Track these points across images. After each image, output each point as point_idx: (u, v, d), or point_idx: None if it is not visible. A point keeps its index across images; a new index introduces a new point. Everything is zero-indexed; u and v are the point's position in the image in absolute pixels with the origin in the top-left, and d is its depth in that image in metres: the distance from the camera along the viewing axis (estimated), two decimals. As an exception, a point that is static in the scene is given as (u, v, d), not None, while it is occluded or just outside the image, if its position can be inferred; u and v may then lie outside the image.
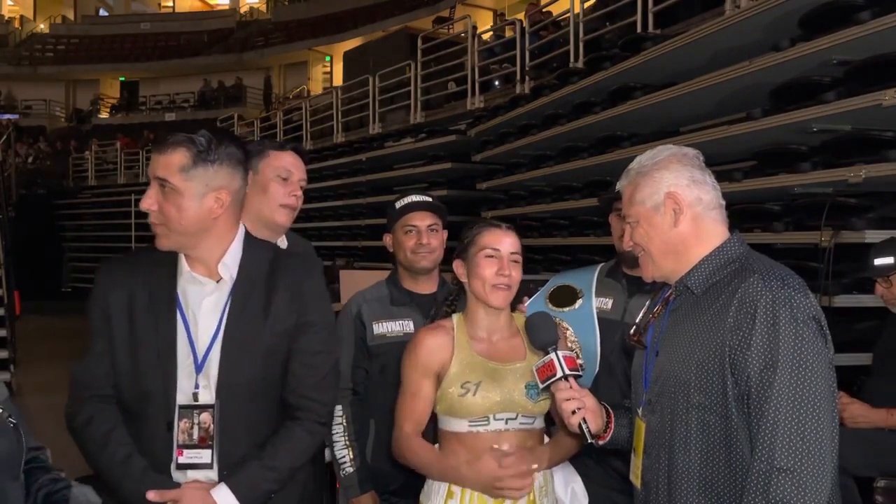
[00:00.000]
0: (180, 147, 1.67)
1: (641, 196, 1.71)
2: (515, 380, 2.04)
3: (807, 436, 1.46)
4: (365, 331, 2.51)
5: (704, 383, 1.58)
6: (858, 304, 3.76)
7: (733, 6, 4.94)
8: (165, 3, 33.71)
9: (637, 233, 1.73)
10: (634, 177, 1.74)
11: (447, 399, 2.03)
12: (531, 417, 2.06)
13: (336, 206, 11.96)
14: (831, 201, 3.85)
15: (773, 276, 1.56)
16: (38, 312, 13.14)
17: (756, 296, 1.53)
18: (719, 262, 1.66)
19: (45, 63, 29.15)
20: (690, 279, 1.68)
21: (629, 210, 1.75)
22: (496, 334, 2.11)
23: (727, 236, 1.69)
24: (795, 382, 1.48)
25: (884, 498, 2.79)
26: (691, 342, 1.62)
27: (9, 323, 8.40)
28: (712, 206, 1.69)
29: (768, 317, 1.51)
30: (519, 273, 2.09)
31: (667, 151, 1.74)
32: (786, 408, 1.47)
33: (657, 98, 5.43)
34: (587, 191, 6.46)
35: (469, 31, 10.16)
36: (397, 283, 2.58)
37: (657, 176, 1.70)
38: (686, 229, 1.68)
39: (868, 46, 3.76)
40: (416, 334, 2.17)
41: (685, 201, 1.67)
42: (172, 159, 1.66)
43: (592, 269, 2.59)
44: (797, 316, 1.51)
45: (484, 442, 2.02)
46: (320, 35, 25.20)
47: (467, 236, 2.13)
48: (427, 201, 2.57)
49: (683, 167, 1.70)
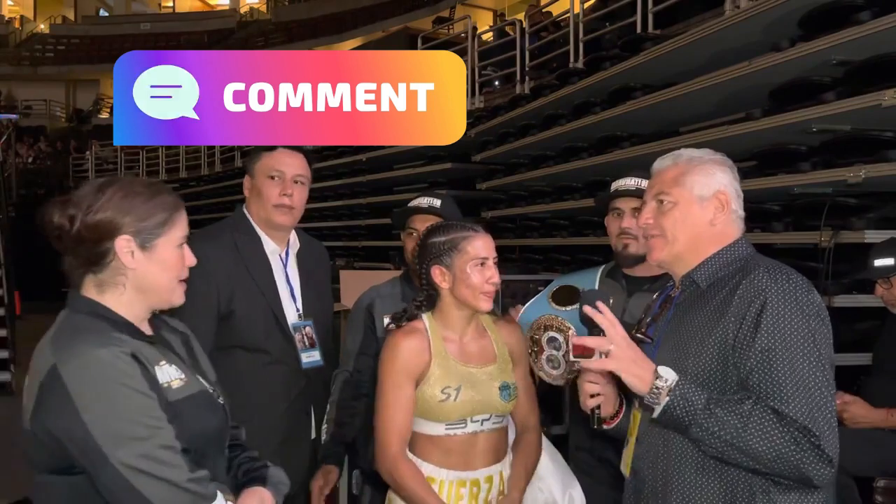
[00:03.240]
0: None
1: (691, 181, 1.72)
2: (491, 382, 2.07)
3: (814, 394, 1.51)
4: (374, 322, 2.57)
5: (702, 372, 1.61)
6: (858, 304, 3.75)
7: (733, 6, 4.94)
8: (165, 3, 33.73)
9: (669, 215, 1.72)
10: (685, 162, 1.75)
11: (424, 403, 2.03)
12: (502, 417, 2.11)
13: (336, 206, 11.96)
14: (831, 201, 3.85)
15: (780, 271, 1.61)
16: (38, 312, 13.09)
17: (762, 287, 1.57)
18: (727, 258, 1.70)
19: (45, 63, 29.15)
20: (697, 273, 1.71)
21: (671, 188, 1.73)
22: (467, 335, 2.12)
23: (738, 237, 1.74)
24: (800, 362, 1.52)
25: (884, 498, 2.80)
26: (692, 333, 1.65)
27: (9, 323, 8.40)
28: (739, 214, 1.75)
29: (775, 307, 1.55)
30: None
31: (718, 155, 1.79)
32: (791, 380, 1.52)
33: (657, 98, 5.43)
34: (587, 191, 6.45)
35: (469, 32, 10.16)
36: (410, 281, 2.63)
37: (712, 170, 1.73)
38: (718, 230, 1.71)
39: (868, 46, 3.76)
40: (390, 338, 2.11)
41: (730, 207, 1.72)
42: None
43: (595, 270, 2.60)
44: (804, 309, 1.56)
45: (458, 443, 2.05)
46: (320, 35, 25.19)
47: (444, 243, 2.07)
48: (427, 207, 2.58)
49: (734, 177, 1.76)
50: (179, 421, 1.51)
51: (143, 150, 20.57)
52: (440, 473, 2.05)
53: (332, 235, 11.79)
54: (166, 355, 1.61)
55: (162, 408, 1.49)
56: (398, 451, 2.03)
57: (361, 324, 2.60)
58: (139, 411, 1.46)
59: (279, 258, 2.47)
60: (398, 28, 16.26)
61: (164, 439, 1.46)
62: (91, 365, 1.46)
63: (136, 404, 1.46)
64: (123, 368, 1.47)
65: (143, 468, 1.44)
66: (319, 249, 2.70)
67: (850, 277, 3.77)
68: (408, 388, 2.03)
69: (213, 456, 1.63)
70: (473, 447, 2.07)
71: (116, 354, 1.47)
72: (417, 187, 8.41)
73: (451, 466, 2.05)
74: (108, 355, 1.46)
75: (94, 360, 1.46)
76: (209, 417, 1.62)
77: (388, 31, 18.50)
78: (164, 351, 1.62)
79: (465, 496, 2.05)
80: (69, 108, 29.28)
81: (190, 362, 1.69)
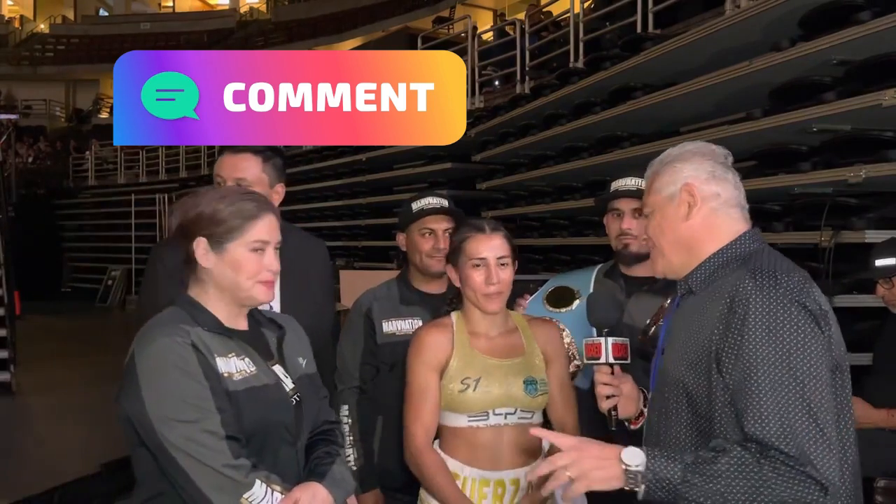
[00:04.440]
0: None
1: (659, 185, 1.67)
2: (514, 375, 2.07)
3: (793, 416, 1.38)
4: (374, 328, 2.52)
5: (695, 382, 1.55)
6: (858, 304, 3.75)
7: (733, 6, 4.94)
8: (165, 3, 33.71)
9: (651, 224, 1.70)
10: (658, 166, 1.71)
11: (447, 395, 2.06)
12: (529, 412, 2.08)
13: (336, 206, 11.95)
14: (831, 201, 3.85)
15: (766, 275, 1.49)
16: (38, 312, 13.13)
17: (745, 295, 1.47)
18: (723, 259, 1.60)
19: (45, 63, 29.14)
20: (692, 278, 1.64)
21: (646, 199, 1.71)
22: (494, 331, 2.13)
23: (741, 233, 1.62)
24: (780, 380, 1.41)
25: (884, 498, 2.80)
26: (686, 341, 1.59)
27: (9, 323, 8.39)
28: (732, 204, 1.63)
29: (756, 319, 1.45)
30: (509, 274, 2.10)
31: (692, 145, 1.70)
32: (768, 401, 1.40)
33: (657, 98, 5.43)
34: (587, 191, 6.46)
35: (469, 31, 10.16)
36: (408, 282, 2.59)
37: (678, 166, 1.66)
38: (698, 223, 1.62)
39: (868, 46, 3.76)
40: (417, 331, 2.20)
41: (700, 194, 1.62)
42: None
43: (590, 269, 2.59)
44: (790, 320, 1.44)
45: (483, 437, 2.05)
46: (320, 35, 25.17)
47: (454, 242, 2.14)
48: (445, 207, 2.56)
49: (706, 160, 1.64)
50: (236, 409, 1.63)
51: (143, 150, 20.56)
52: (465, 471, 2.06)
53: (332, 235, 11.78)
54: (242, 348, 1.72)
55: (218, 396, 1.61)
56: (423, 442, 2.07)
57: (361, 332, 2.53)
58: (189, 395, 1.59)
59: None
60: (398, 28, 16.25)
61: (208, 424, 1.58)
62: (154, 351, 1.62)
63: (187, 389, 1.59)
64: (181, 354, 1.61)
65: (186, 449, 1.57)
66: (315, 247, 2.61)
67: (850, 277, 3.77)
68: (432, 381, 2.07)
69: (278, 447, 1.72)
70: (499, 443, 2.06)
71: (176, 342, 1.62)
72: (417, 187, 8.42)
73: (477, 465, 2.05)
74: (169, 343, 1.62)
75: (157, 346, 1.62)
76: (270, 409, 1.70)
77: (388, 31, 18.49)
78: (242, 345, 1.73)
79: (488, 496, 2.04)
80: (69, 107, 29.27)
81: (276, 357, 1.79)
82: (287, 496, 1.64)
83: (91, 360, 9.02)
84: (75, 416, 6.60)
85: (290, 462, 1.74)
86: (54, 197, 21.07)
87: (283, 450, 1.73)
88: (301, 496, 1.66)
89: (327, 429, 1.87)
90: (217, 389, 1.61)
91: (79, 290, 19.18)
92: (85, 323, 14.13)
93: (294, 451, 1.76)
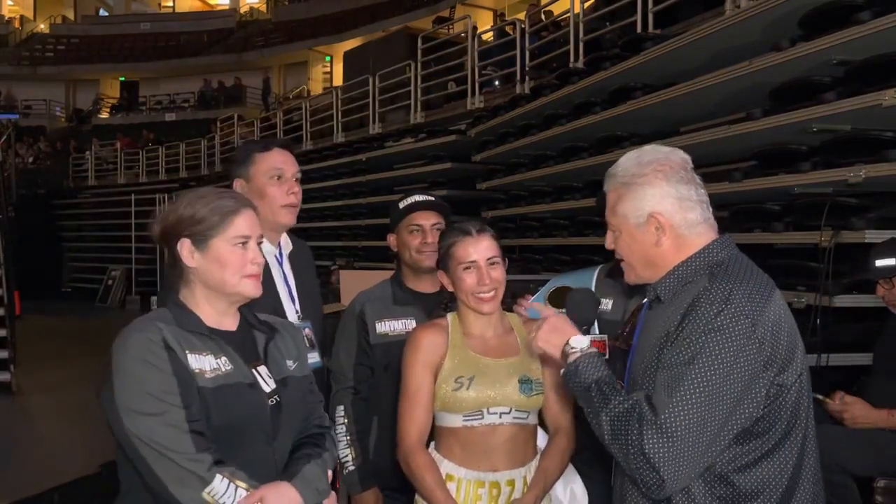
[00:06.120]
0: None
1: (624, 210, 1.67)
2: (509, 374, 2.07)
3: (692, 419, 1.46)
4: (367, 329, 2.52)
5: (650, 385, 1.57)
6: (858, 304, 3.75)
7: (733, 6, 4.94)
8: (165, 3, 33.70)
9: (619, 243, 1.71)
10: (618, 186, 1.68)
11: (442, 395, 2.06)
12: (525, 412, 2.09)
13: (336, 206, 11.96)
14: (831, 201, 3.85)
15: (720, 289, 1.52)
16: (38, 312, 13.14)
17: (700, 300, 1.52)
18: (690, 269, 1.62)
19: (45, 63, 29.14)
20: (660, 287, 1.66)
21: (611, 219, 1.71)
22: (489, 332, 2.14)
23: (709, 243, 1.63)
24: (705, 382, 1.47)
25: (884, 498, 2.79)
26: (642, 348, 1.63)
27: (9, 323, 8.40)
28: (697, 223, 1.64)
29: (702, 314, 1.50)
30: (501, 273, 2.10)
31: (651, 157, 1.66)
32: (688, 396, 1.47)
33: (657, 98, 5.43)
34: (587, 191, 6.45)
35: (469, 31, 10.17)
36: (400, 283, 2.60)
37: (640, 192, 1.63)
38: (668, 247, 1.64)
39: (868, 46, 3.75)
40: (413, 332, 2.21)
41: (669, 222, 1.63)
42: None
43: (592, 269, 2.59)
44: (728, 338, 1.48)
45: (478, 436, 2.05)
46: (320, 35, 25.18)
47: (442, 248, 2.14)
48: (431, 200, 2.57)
49: (669, 184, 1.62)
50: (205, 405, 1.65)
51: (143, 151, 20.60)
52: (459, 472, 2.06)
53: (332, 235, 11.80)
54: (222, 348, 1.73)
55: (186, 390, 1.63)
56: (416, 441, 2.07)
57: (354, 334, 2.54)
58: (155, 389, 1.61)
59: (275, 259, 2.46)
60: (398, 28, 16.24)
61: (171, 418, 1.61)
62: (126, 346, 1.66)
63: (153, 383, 1.62)
64: (150, 349, 1.64)
65: (149, 441, 1.60)
66: (306, 249, 2.67)
67: (850, 277, 3.77)
68: (427, 380, 2.07)
69: (255, 444, 1.73)
70: (494, 443, 2.05)
71: (147, 338, 1.65)
72: (417, 187, 8.41)
73: (472, 465, 2.05)
74: (139, 338, 1.65)
75: (129, 342, 1.66)
76: (241, 408, 1.71)
77: (387, 30, 18.48)
78: (222, 344, 1.74)
79: (483, 497, 2.04)
80: (69, 107, 29.26)
81: (261, 359, 1.79)
82: (252, 493, 1.64)
83: (91, 360, 9.01)
84: (75, 416, 6.61)
85: (265, 462, 1.73)
86: (54, 197, 21.08)
87: (256, 448, 1.72)
88: (267, 494, 1.65)
89: (316, 432, 1.86)
90: (186, 385, 1.63)
91: (79, 290, 19.20)
92: (85, 323, 14.14)
93: (270, 450, 1.75)
